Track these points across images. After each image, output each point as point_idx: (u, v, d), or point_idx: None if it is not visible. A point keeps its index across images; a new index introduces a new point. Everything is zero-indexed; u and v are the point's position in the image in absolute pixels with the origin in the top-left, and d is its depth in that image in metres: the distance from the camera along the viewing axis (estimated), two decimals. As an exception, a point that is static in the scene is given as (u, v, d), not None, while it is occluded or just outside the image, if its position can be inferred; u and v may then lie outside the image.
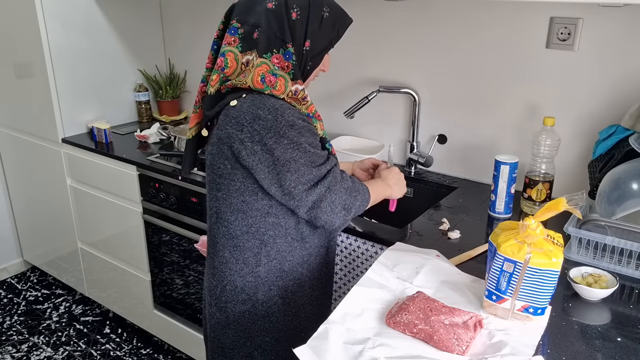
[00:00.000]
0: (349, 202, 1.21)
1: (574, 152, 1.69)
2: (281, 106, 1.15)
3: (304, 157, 1.15)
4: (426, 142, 2.01)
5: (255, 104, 1.15)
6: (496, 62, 1.77)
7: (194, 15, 2.55)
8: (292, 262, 1.30)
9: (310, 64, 1.23)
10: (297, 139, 1.14)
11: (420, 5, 1.87)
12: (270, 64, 1.16)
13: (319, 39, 1.21)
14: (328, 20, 1.21)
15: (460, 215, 1.62)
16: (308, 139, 1.16)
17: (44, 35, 2.26)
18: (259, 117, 1.13)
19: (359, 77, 2.10)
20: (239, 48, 1.17)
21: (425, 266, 1.24)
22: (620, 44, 1.54)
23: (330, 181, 1.18)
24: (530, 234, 1.01)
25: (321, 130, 1.26)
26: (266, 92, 1.15)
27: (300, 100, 1.21)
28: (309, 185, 1.16)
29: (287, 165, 1.14)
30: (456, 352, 0.97)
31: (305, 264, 1.32)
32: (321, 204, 1.17)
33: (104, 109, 2.54)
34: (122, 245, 2.39)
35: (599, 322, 1.11)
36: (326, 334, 1.01)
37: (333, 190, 1.18)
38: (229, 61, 1.18)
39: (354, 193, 1.23)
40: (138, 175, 2.16)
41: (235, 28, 1.18)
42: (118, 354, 2.44)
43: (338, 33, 1.25)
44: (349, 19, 1.27)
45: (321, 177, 1.17)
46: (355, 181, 1.27)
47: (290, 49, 1.17)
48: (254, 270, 1.28)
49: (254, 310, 1.30)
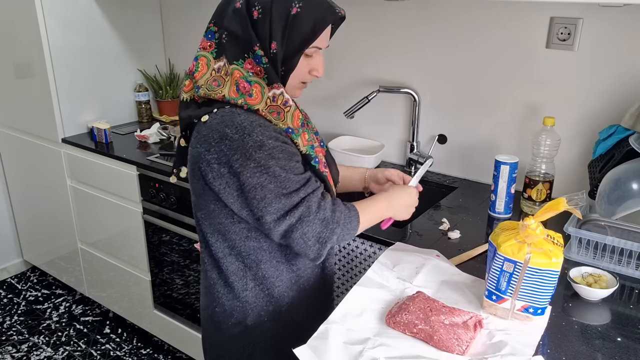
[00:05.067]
0: (324, 235, 1.07)
1: (574, 152, 1.69)
2: (250, 124, 1.04)
3: (273, 183, 1.03)
4: (426, 142, 2.01)
5: (223, 121, 1.05)
6: (496, 62, 1.77)
7: (194, 15, 2.55)
8: (281, 287, 1.19)
9: (283, 69, 1.09)
10: (266, 161, 1.03)
11: (421, 5, 1.87)
12: (243, 70, 1.07)
13: (289, 40, 1.06)
14: (299, 16, 1.04)
15: (460, 215, 1.62)
16: (280, 161, 1.04)
17: (44, 35, 2.26)
18: (225, 136, 1.03)
19: (359, 77, 2.10)
20: (213, 54, 1.09)
21: (425, 266, 1.24)
22: (620, 44, 1.54)
23: (303, 212, 1.05)
24: (530, 234, 1.01)
25: (304, 145, 1.12)
26: (239, 102, 1.05)
27: (282, 106, 1.09)
28: (277, 215, 1.04)
29: (253, 191, 1.04)
30: (456, 352, 0.97)
31: (295, 285, 1.22)
32: (292, 235, 1.06)
33: (104, 109, 2.54)
34: (122, 245, 2.39)
35: (599, 322, 1.11)
36: (326, 334, 1.01)
37: (305, 221, 1.05)
38: (199, 66, 1.10)
39: (332, 225, 1.08)
40: (138, 175, 2.16)
41: (212, 32, 1.10)
42: (118, 354, 2.44)
43: (314, 31, 1.06)
44: (334, 14, 1.08)
45: (292, 207, 1.05)
46: (338, 209, 1.10)
47: (258, 51, 1.06)
48: (240, 295, 1.19)
49: (247, 333, 1.22)
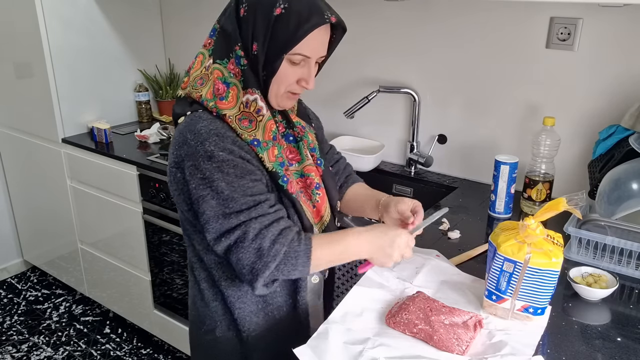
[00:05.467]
0: (257, 267, 0.97)
1: (574, 152, 1.69)
2: (208, 132, 0.99)
3: (215, 199, 0.97)
4: (426, 142, 2.01)
5: (187, 125, 1.02)
6: (496, 62, 1.77)
7: (194, 15, 2.55)
8: (244, 310, 1.12)
9: (264, 73, 1.02)
10: (211, 174, 0.97)
11: (421, 5, 1.87)
12: (225, 70, 1.02)
13: (270, 42, 0.99)
14: (282, 18, 0.97)
15: (460, 215, 1.62)
16: (227, 176, 0.97)
17: (44, 35, 2.26)
18: (185, 141, 1.00)
19: (359, 77, 2.10)
20: (209, 51, 1.06)
21: (425, 266, 1.24)
22: (620, 44, 1.54)
23: (239, 236, 0.97)
24: (530, 234, 1.01)
25: (270, 161, 1.03)
26: (210, 105, 1.01)
27: (254, 114, 1.03)
28: (215, 234, 0.99)
29: (197, 203, 1.00)
30: (456, 352, 0.97)
31: (262, 312, 1.13)
32: (230, 257, 1.00)
33: (104, 109, 2.54)
34: (122, 245, 2.39)
35: (599, 322, 1.11)
36: (326, 334, 1.01)
37: (240, 247, 0.97)
38: (196, 63, 1.08)
39: (267, 258, 0.97)
40: (138, 175, 2.16)
41: (214, 30, 1.08)
42: (118, 354, 2.44)
43: (297, 34, 0.97)
44: (320, 18, 0.98)
45: (229, 228, 0.98)
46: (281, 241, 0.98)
47: (238, 51, 1.01)
48: (210, 305, 1.14)
49: (216, 344, 1.17)
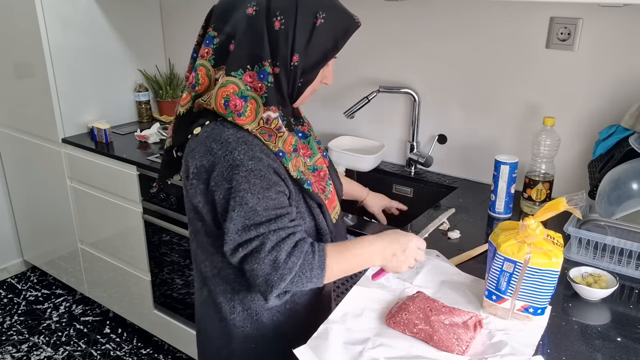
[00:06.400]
0: (272, 279, 0.96)
1: (574, 152, 1.69)
2: (236, 140, 0.97)
3: (236, 211, 0.97)
4: (426, 142, 2.00)
5: (211, 135, 0.99)
6: (496, 62, 1.77)
7: (194, 15, 2.55)
8: (271, 311, 1.12)
9: (301, 81, 1.02)
10: (239, 184, 0.96)
11: (421, 5, 1.87)
12: (240, 83, 0.98)
13: (311, 52, 0.99)
14: (323, 28, 0.98)
15: (460, 215, 1.62)
16: (254, 187, 0.97)
17: (44, 35, 2.26)
18: (210, 151, 0.98)
19: (359, 77, 2.10)
20: (211, 62, 1.02)
21: (425, 266, 1.25)
22: (620, 44, 1.54)
23: (255, 246, 0.97)
24: (530, 234, 1.01)
25: (294, 169, 1.04)
26: (229, 119, 0.99)
27: (275, 130, 1.01)
28: (232, 245, 0.98)
29: (222, 214, 0.99)
30: (456, 352, 0.97)
31: (289, 311, 1.14)
32: (245, 267, 0.99)
33: (104, 109, 2.54)
34: (122, 245, 2.39)
35: (599, 322, 1.11)
36: (326, 334, 1.01)
37: (255, 258, 0.97)
38: (200, 78, 1.03)
39: (282, 271, 0.96)
40: (138, 175, 2.16)
41: (210, 37, 1.02)
42: (118, 354, 2.44)
43: (336, 44, 1.01)
44: (353, 23, 1.03)
45: (247, 240, 0.97)
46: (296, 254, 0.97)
47: (267, 67, 0.98)
48: (227, 317, 1.13)
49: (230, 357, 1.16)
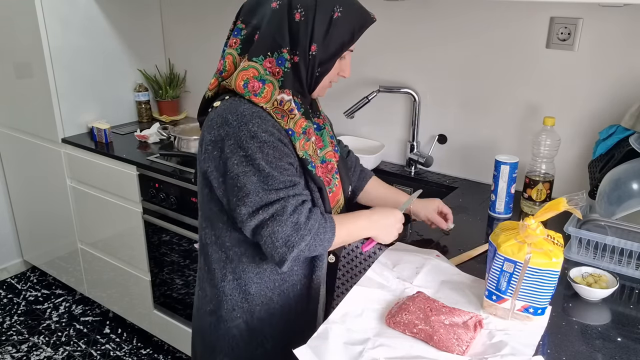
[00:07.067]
0: (293, 240, 1.04)
1: (574, 152, 1.69)
2: (251, 114, 1.06)
3: (256, 176, 1.04)
4: (426, 142, 2.00)
5: (228, 107, 1.08)
6: (496, 62, 1.77)
7: (194, 15, 2.55)
8: (260, 284, 1.19)
9: (319, 70, 1.11)
10: (254, 153, 1.04)
11: (421, 5, 1.87)
12: (260, 68, 1.08)
13: (328, 43, 1.09)
14: (339, 21, 1.08)
15: (460, 215, 1.62)
16: (268, 156, 1.05)
17: (44, 35, 2.26)
18: (226, 121, 1.06)
19: (359, 77, 2.10)
20: (237, 50, 1.11)
21: (425, 266, 1.24)
22: (620, 44, 1.54)
23: (277, 209, 1.04)
24: (530, 234, 1.01)
25: (302, 149, 1.12)
26: (246, 97, 1.08)
27: (287, 112, 1.10)
28: (252, 208, 1.05)
29: (235, 179, 1.05)
30: (456, 352, 0.97)
31: (277, 289, 1.20)
32: (262, 232, 1.05)
33: (104, 109, 2.54)
34: (122, 245, 2.39)
35: (599, 322, 1.11)
36: (326, 334, 1.01)
37: (277, 220, 1.04)
38: (227, 64, 1.12)
39: (303, 232, 1.05)
40: (138, 175, 2.16)
41: (239, 29, 1.12)
42: (118, 354, 2.44)
43: (352, 36, 1.11)
44: (369, 19, 1.13)
45: (267, 203, 1.04)
46: (314, 217, 1.08)
47: (285, 54, 1.08)
48: (219, 284, 1.20)
49: (218, 325, 1.22)
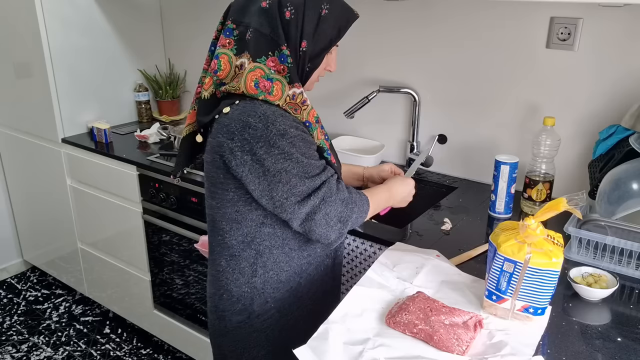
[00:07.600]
0: (345, 214, 1.15)
1: (574, 152, 1.69)
2: (273, 113, 1.10)
3: (296, 168, 1.10)
4: (426, 142, 2.00)
5: (246, 111, 1.10)
6: (496, 62, 1.77)
7: (194, 15, 2.55)
8: (289, 271, 1.25)
9: (309, 66, 1.17)
10: (289, 148, 1.09)
11: (421, 5, 1.87)
12: (265, 68, 1.11)
13: (317, 39, 1.14)
14: (327, 18, 1.13)
15: (461, 215, 1.62)
16: (300, 148, 1.11)
17: (44, 35, 2.26)
18: (249, 125, 1.09)
19: (359, 77, 2.10)
20: (233, 51, 1.13)
21: (425, 266, 1.24)
22: (620, 44, 1.54)
23: (325, 192, 1.12)
24: (530, 234, 1.01)
25: (318, 139, 1.19)
26: (260, 98, 1.11)
27: (300, 104, 1.15)
28: (301, 197, 1.11)
29: (278, 176, 1.09)
30: (456, 352, 0.97)
31: (304, 273, 1.27)
32: (315, 217, 1.12)
33: (104, 109, 2.54)
34: (122, 245, 2.39)
35: (599, 322, 1.11)
36: (326, 334, 1.01)
37: (328, 201, 1.12)
38: (222, 64, 1.13)
39: (351, 205, 1.17)
40: (138, 175, 2.16)
41: (230, 29, 1.14)
42: (118, 354, 2.44)
43: (339, 32, 1.17)
44: (353, 15, 1.19)
45: (315, 189, 1.12)
46: (353, 192, 1.20)
47: (285, 51, 1.11)
48: (249, 281, 1.24)
49: (250, 321, 1.27)
